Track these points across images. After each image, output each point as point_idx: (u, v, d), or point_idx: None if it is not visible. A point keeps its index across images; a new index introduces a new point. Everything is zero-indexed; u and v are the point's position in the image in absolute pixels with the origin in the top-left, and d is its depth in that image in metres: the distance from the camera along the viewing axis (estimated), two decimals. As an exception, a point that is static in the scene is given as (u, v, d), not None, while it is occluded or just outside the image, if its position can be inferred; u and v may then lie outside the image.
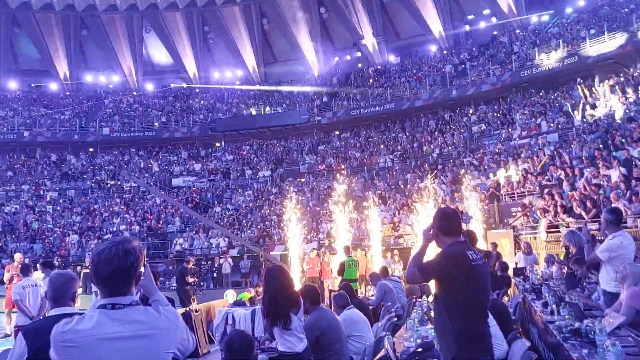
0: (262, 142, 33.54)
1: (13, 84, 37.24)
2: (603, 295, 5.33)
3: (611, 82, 20.40)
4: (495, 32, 31.25)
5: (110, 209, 27.67)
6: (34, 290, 7.03)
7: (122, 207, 28.00)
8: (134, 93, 38.14)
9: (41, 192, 29.83)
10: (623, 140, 14.49)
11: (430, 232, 3.29)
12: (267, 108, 34.35)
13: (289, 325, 4.11)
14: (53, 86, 37.79)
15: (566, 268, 8.07)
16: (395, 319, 6.89)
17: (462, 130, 25.45)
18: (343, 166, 26.14)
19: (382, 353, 4.28)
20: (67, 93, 37.62)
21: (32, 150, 34.27)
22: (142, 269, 2.05)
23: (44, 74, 37.99)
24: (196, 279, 12.17)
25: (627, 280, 4.60)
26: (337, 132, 32.10)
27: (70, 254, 23.39)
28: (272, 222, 22.66)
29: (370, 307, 7.93)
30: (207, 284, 18.90)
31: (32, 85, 37.82)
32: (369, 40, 35.46)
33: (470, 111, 27.05)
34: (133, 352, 1.89)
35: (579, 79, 22.45)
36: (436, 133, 26.66)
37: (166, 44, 38.81)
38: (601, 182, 12.50)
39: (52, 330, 1.95)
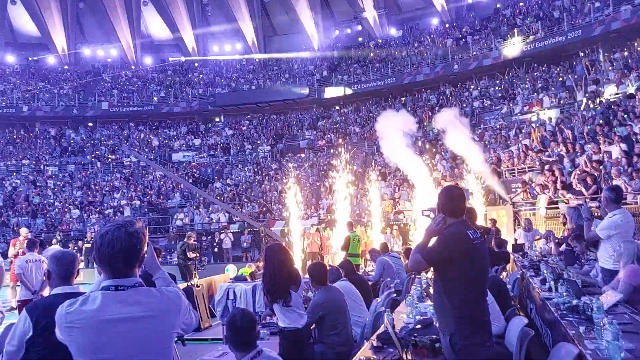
0: (262, 117, 33.38)
1: (11, 58, 36.86)
2: (601, 273, 5.38)
3: (615, 57, 20.19)
4: (498, 5, 30.77)
5: (111, 184, 27.73)
6: (37, 265, 7.10)
7: (123, 182, 28.05)
8: (133, 67, 37.78)
9: (41, 167, 29.85)
10: (625, 116, 14.41)
11: (438, 227, 3.24)
12: (267, 83, 34.05)
13: (289, 302, 4.16)
14: (51, 60, 37.40)
15: (564, 245, 8.13)
16: (395, 294, 6.97)
17: (463, 105, 25.29)
18: (341, 141, 26.03)
19: (381, 329, 4.34)
20: (66, 67, 37.26)
21: (32, 124, 34.14)
22: (145, 250, 2.06)
23: (41, 47, 37.56)
24: (198, 255, 12.27)
25: (622, 258, 4.64)
26: (337, 107, 31.91)
27: (71, 229, 23.53)
28: (273, 198, 22.73)
29: (370, 283, 8.02)
30: (208, 258, 19.07)
31: (30, 59, 37.41)
32: (370, 13, 34.93)
33: (472, 86, 26.83)
34: (136, 333, 1.90)
35: (582, 54, 22.20)
36: (437, 108, 26.49)
37: (164, 17, 38.28)
38: (602, 159, 12.47)
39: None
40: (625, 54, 20.30)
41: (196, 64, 38.08)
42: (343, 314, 4.77)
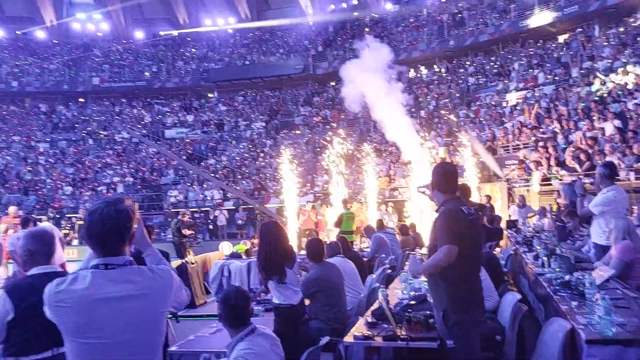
0: (256, 93, 33.07)
1: (-1, 32, 36.16)
2: (594, 248, 5.42)
3: (611, 33, 20.05)
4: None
5: (103, 161, 27.56)
6: None
7: (115, 158, 27.87)
8: (124, 41, 37.18)
9: (32, 143, 29.57)
10: (620, 92, 14.39)
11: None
12: (261, 57, 33.61)
13: (284, 279, 4.16)
14: (40, 34, 36.71)
15: (557, 220, 8.18)
16: (389, 270, 7.02)
17: (459, 82, 25.16)
18: (333, 120, 25.91)
19: (375, 305, 4.36)
20: (55, 41, 36.61)
21: (21, 100, 33.71)
22: (135, 228, 2.03)
23: (29, 21, 36.82)
24: (193, 232, 12.27)
25: (613, 234, 4.67)
26: (332, 84, 31.63)
27: (64, 206, 23.44)
28: (268, 175, 22.68)
29: (365, 259, 8.07)
30: (202, 236, 19.10)
31: (18, 32, 36.68)
32: (366, -13, 34.40)
33: (467, 62, 26.65)
34: (127, 312, 1.88)
35: (578, 30, 22.02)
36: (432, 85, 26.34)
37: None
38: (596, 135, 12.48)
39: (42, 288, 1.93)
40: (621, 29, 20.15)
41: (189, 39, 37.51)
42: (337, 290, 4.79)
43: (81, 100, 34.01)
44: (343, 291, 4.95)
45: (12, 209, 11.04)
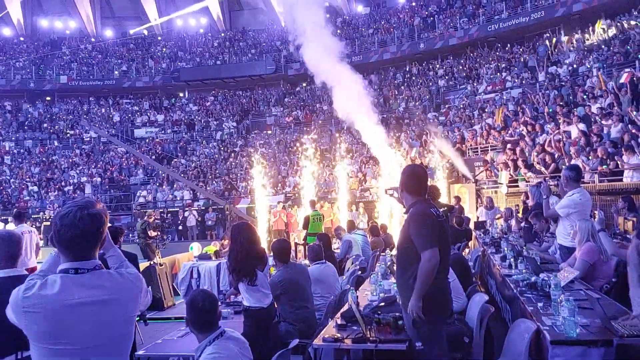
0: (227, 93, 32.80)
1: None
2: (559, 250, 5.53)
3: (576, 38, 20.62)
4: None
5: (70, 160, 26.89)
6: (30, 237, 7.19)
7: (83, 158, 27.24)
8: (93, 40, 36.37)
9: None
10: (585, 97, 14.78)
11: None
12: (233, 58, 33.35)
13: (255, 281, 4.12)
14: (6, 31, 35.59)
15: (523, 222, 8.34)
16: (360, 272, 7.03)
17: (429, 84, 25.47)
18: (305, 121, 25.92)
19: (345, 307, 4.36)
20: (22, 39, 35.55)
21: (-15, 98, 32.64)
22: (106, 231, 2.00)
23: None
24: (158, 233, 12.07)
25: (577, 236, 4.78)
26: (304, 84, 31.63)
27: (29, 206, 22.78)
28: (238, 175, 22.50)
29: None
30: (172, 237, 18.83)
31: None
32: (338, -11, 34.49)
33: (437, 65, 27.03)
34: (98, 317, 1.86)
35: (545, 35, 22.55)
36: (403, 87, 26.60)
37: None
38: (561, 138, 12.79)
39: (3, 291, 1.93)
40: (586, 35, 20.75)
41: (159, 38, 36.94)
42: (302, 292, 4.78)
43: (48, 98, 33.13)
44: (309, 292, 4.95)
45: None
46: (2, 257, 2.70)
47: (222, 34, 36.26)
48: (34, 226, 19.38)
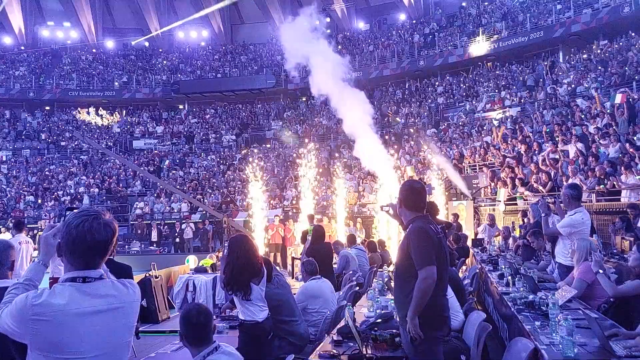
0: (227, 106, 32.89)
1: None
2: (558, 269, 5.51)
3: (574, 58, 20.81)
4: (464, 3, 31.19)
5: (68, 170, 26.84)
6: (27, 247, 7.18)
7: (80, 168, 27.20)
8: (94, 50, 36.54)
9: (-6, 151, 28.64)
10: (582, 116, 14.87)
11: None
12: (234, 70, 33.51)
13: (249, 295, 4.08)
14: (7, 40, 35.75)
15: (521, 240, 8.32)
16: (357, 287, 6.98)
17: (429, 101, 25.61)
18: (304, 135, 25.96)
19: (342, 323, 4.32)
20: (22, 48, 35.69)
21: (-16, 106, 32.64)
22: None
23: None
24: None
25: (576, 255, 4.77)
26: (304, 99, 31.75)
27: (25, 216, 22.66)
28: (237, 188, 22.47)
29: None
30: (168, 249, 18.75)
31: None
32: (338, 5, 34.84)
33: (437, 82, 27.19)
34: (105, 325, 1.88)
35: (543, 54, 22.75)
36: (402, 103, 26.73)
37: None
38: (559, 157, 12.83)
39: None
40: (585, 56, 20.94)
41: (160, 50, 37.14)
42: (286, 308, 4.74)
43: (47, 108, 33.15)
44: (295, 308, 4.91)
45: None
46: None
47: (223, 47, 36.48)
48: (29, 236, 19.37)
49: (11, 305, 1.87)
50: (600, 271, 4.18)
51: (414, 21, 32.54)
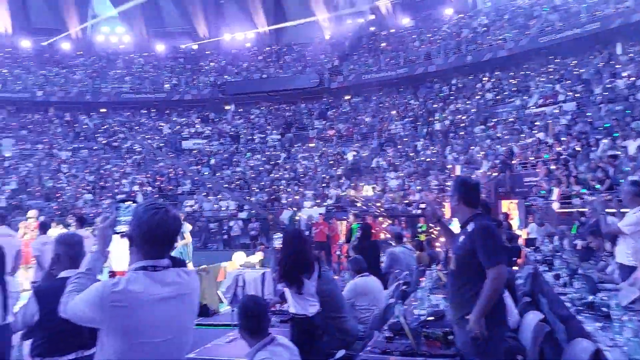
0: (272, 106, 33.27)
1: (26, 43, 36.81)
2: (619, 269, 5.26)
3: (633, 50, 19.85)
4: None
5: (122, 170, 27.87)
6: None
7: (134, 167, 28.19)
8: (145, 54, 37.76)
9: (54, 152, 30.03)
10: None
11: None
12: (279, 71, 33.87)
13: (301, 289, 4.12)
14: (65, 45, 37.41)
15: (578, 240, 8.03)
16: (404, 286, 6.92)
17: (477, 97, 25.03)
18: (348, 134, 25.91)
19: (392, 320, 4.30)
20: (79, 52, 37.28)
21: (46, 109, 34.27)
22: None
23: (55, 32, 37.55)
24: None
25: (637, 254, 4.56)
26: (347, 97, 31.70)
27: (83, 213, 23.67)
28: (282, 187, 22.71)
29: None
30: (217, 245, 19.28)
31: (44, 43, 37.41)
32: (383, 2, 34.57)
33: (485, 78, 26.50)
34: (174, 311, 2.00)
35: (599, 47, 21.80)
36: (449, 99, 26.26)
37: (176, 3, 38.17)
38: (618, 153, 12.29)
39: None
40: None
41: (207, 52, 37.96)
42: (335, 304, 4.76)
43: (103, 110, 34.50)
44: (342, 302, 4.93)
45: (32, 213, 11.12)
46: (67, 259, 2.81)
47: (268, 48, 36.91)
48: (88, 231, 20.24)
49: (84, 293, 1.98)
50: None
51: (462, 15, 31.87)
